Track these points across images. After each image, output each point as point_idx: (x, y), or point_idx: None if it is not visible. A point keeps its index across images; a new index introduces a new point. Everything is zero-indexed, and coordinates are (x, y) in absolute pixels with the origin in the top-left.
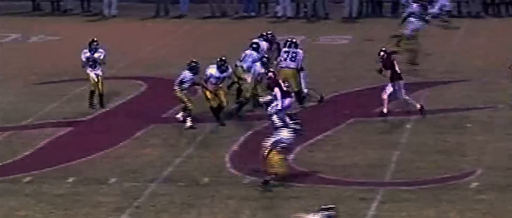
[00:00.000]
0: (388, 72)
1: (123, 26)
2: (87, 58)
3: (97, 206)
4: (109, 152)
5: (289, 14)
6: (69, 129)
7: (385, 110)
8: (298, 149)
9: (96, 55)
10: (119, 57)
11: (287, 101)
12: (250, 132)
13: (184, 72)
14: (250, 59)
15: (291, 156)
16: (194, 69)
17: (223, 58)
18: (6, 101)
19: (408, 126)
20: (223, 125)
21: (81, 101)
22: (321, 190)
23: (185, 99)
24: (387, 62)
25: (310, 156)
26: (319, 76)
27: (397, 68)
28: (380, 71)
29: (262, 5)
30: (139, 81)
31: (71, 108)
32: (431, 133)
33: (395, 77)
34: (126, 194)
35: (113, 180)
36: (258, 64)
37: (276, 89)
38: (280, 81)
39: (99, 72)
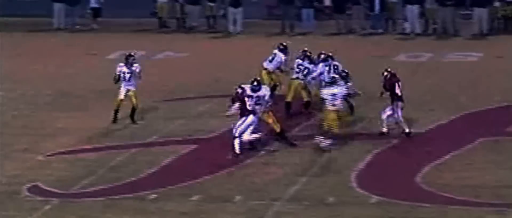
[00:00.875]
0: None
1: (248, 43)
2: (123, 73)
3: None
4: (234, 170)
5: (417, 30)
6: (194, 146)
7: (384, 130)
8: (426, 169)
9: (132, 68)
10: (245, 74)
11: (251, 118)
12: (376, 151)
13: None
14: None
15: (419, 176)
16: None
17: (258, 78)
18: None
19: None
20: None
21: (206, 119)
22: (450, 211)
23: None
24: (387, 83)
25: (439, 176)
26: (448, 94)
27: (398, 90)
28: (381, 94)
29: (390, 22)
30: None
31: (196, 125)
32: None
33: (394, 99)
34: (251, 213)
35: (238, 198)
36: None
37: (235, 105)
38: (244, 99)
39: (131, 87)
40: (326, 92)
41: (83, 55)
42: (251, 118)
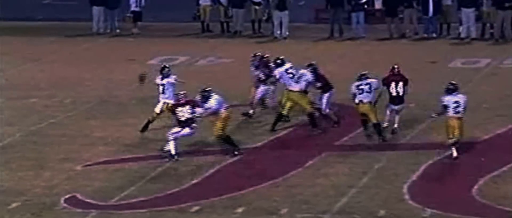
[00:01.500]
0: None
1: (294, 48)
2: (158, 85)
3: None
4: (280, 181)
5: (473, 35)
6: (238, 156)
7: (395, 125)
8: (482, 180)
9: (165, 81)
10: None
11: (186, 130)
12: (430, 162)
13: None
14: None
15: (475, 188)
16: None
17: (208, 88)
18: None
19: None
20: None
21: (252, 128)
22: None
23: None
24: (385, 80)
25: (496, 188)
26: (506, 101)
27: (392, 90)
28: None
29: (444, 26)
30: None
31: (241, 134)
32: None
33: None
34: None
35: (284, 210)
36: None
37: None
38: (178, 109)
39: (168, 100)
40: (448, 99)
41: (122, 61)
42: (186, 130)
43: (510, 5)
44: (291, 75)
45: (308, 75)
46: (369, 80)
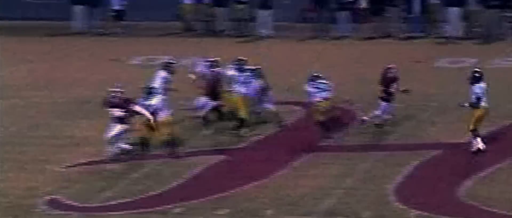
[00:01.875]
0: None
1: (279, 47)
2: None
3: None
4: (265, 182)
5: (459, 34)
6: (222, 157)
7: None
8: (469, 182)
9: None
10: (275, 81)
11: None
12: (416, 162)
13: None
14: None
15: (462, 189)
16: None
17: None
18: None
19: None
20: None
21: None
22: None
23: None
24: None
25: (482, 189)
26: (493, 102)
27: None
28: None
29: (429, 25)
30: (297, 107)
31: (225, 135)
32: None
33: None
34: None
35: (269, 212)
36: None
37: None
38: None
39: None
40: (480, 89)
41: (104, 61)
42: (119, 127)
43: (497, 4)
44: (243, 78)
45: (256, 82)
46: (323, 80)
